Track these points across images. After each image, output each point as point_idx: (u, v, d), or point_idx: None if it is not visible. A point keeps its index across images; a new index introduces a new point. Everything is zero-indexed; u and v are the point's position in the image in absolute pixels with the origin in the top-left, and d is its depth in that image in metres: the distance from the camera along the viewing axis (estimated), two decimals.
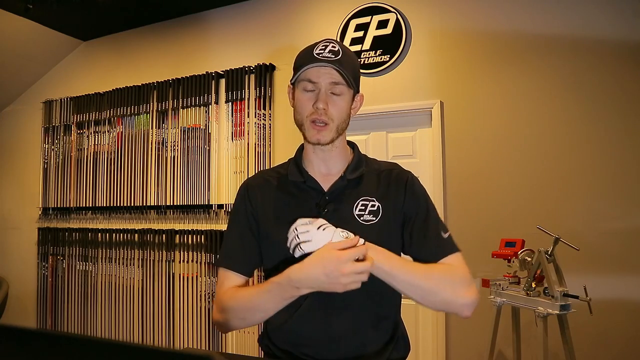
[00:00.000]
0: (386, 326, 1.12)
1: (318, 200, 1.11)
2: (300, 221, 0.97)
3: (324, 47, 1.07)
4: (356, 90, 1.13)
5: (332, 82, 1.06)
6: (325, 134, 1.08)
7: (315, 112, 1.06)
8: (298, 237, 0.95)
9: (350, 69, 1.07)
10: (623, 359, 2.33)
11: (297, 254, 0.96)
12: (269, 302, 1.01)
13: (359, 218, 1.09)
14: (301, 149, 1.19)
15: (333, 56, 1.05)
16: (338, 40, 2.99)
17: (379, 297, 1.03)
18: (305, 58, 1.07)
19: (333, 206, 1.10)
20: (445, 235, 1.10)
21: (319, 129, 1.07)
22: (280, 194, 1.15)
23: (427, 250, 1.08)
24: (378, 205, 1.10)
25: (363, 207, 1.10)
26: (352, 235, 0.96)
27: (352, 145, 1.22)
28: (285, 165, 1.21)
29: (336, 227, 0.97)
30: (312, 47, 1.08)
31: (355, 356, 1.07)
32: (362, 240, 0.96)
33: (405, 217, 1.11)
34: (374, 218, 1.09)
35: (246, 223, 1.14)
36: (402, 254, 1.13)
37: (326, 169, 1.15)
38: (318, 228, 0.94)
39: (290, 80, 1.11)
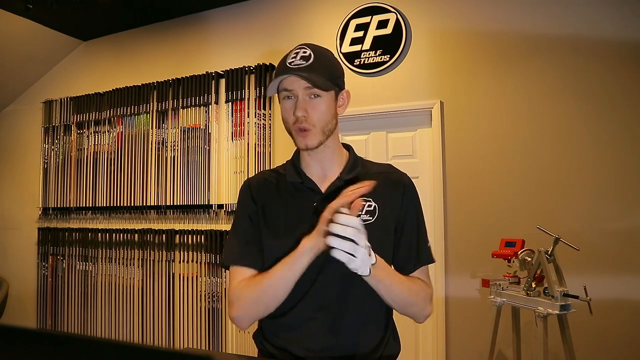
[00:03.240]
0: (379, 324, 1.14)
1: (315, 201, 1.12)
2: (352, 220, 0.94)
3: (295, 55, 1.08)
4: (339, 88, 1.13)
5: (306, 87, 1.07)
6: (311, 139, 1.09)
7: (297, 120, 1.08)
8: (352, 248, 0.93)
9: (324, 70, 1.08)
10: (623, 359, 2.33)
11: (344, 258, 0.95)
12: (292, 271, 1.02)
13: None
14: (299, 150, 1.20)
15: (304, 62, 1.06)
16: (338, 40, 2.94)
17: (372, 296, 1.05)
18: (279, 69, 1.10)
19: None
20: (428, 245, 1.19)
21: (303, 135, 1.09)
22: (280, 195, 1.17)
23: (411, 256, 1.16)
24: (374, 205, 1.13)
25: (360, 207, 1.11)
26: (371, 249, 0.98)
27: (347, 147, 1.23)
28: (284, 166, 1.22)
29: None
30: (286, 56, 1.11)
31: (349, 354, 1.08)
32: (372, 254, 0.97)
33: (398, 220, 1.15)
34: (371, 218, 1.12)
35: (251, 222, 1.16)
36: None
37: (322, 171, 1.17)
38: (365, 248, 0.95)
39: (267, 94, 1.14)
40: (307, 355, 1.08)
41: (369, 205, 1.12)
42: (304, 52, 1.08)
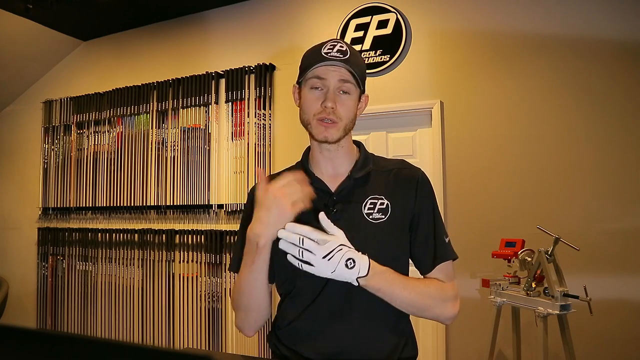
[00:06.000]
0: (392, 330, 1.11)
1: (326, 201, 1.10)
2: (311, 233, 0.93)
3: (332, 47, 1.06)
4: (362, 90, 1.14)
5: (341, 79, 1.06)
6: (333, 132, 1.07)
7: (324, 111, 1.05)
8: (302, 254, 0.92)
9: (358, 68, 1.08)
10: (623, 359, 2.33)
11: (295, 263, 0.94)
12: (244, 273, 1.04)
13: (368, 217, 1.09)
14: (307, 151, 1.19)
15: (342, 55, 1.05)
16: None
17: (381, 302, 1.02)
18: (314, 57, 1.07)
19: (342, 206, 1.09)
20: (446, 240, 1.13)
21: (326, 126, 1.06)
22: None
23: (427, 253, 1.11)
24: (387, 204, 1.10)
25: (372, 206, 1.10)
26: (362, 260, 0.96)
27: (358, 144, 1.21)
28: (293, 169, 1.20)
29: (345, 231, 0.97)
30: (319, 47, 1.08)
31: (364, 358, 1.06)
32: (365, 260, 0.96)
33: (413, 217, 1.12)
34: (383, 216, 1.09)
35: None
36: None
37: (333, 169, 1.15)
38: (323, 257, 0.92)
39: (298, 80, 1.11)
40: (319, 359, 1.06)
41: (382, 204, 1.10)
42: (341, 47, 1.07)
